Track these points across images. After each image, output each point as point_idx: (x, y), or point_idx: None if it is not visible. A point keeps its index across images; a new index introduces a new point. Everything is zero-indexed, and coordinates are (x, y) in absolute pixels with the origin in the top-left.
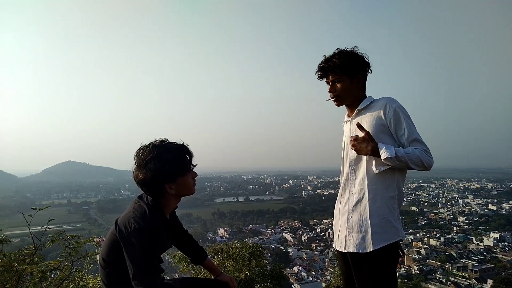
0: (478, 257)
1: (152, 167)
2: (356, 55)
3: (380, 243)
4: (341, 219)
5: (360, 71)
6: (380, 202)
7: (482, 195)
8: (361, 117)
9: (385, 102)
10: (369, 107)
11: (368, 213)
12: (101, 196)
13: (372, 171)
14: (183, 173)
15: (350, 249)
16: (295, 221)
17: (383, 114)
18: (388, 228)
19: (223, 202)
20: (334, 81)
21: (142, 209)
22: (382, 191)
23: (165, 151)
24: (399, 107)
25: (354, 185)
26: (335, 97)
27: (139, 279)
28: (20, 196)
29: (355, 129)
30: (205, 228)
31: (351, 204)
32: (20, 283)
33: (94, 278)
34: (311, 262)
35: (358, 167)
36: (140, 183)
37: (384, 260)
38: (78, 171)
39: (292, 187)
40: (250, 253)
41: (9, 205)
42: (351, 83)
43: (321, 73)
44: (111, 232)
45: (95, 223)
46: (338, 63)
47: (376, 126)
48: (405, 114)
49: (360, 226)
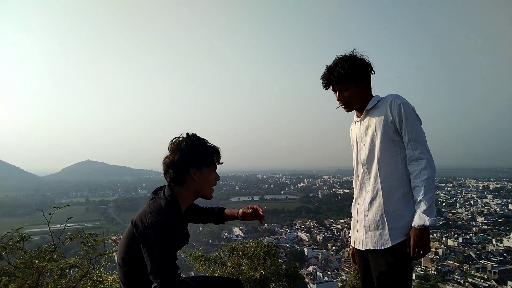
0: (498, 258)
1: (183, 148)
2: (357, 59)
3: (397, 238)
4: (358, 218)
5: (364, 76)
6: (395, 199)
7: (501, 195)
8: (370, 117)
9: (390, 99)
10: (376, 106)
11: (383, 210)
12: (119, 195)
13: (383, 169)
14: (209, 164)
15: (368, 246)
16: (310, 220)
17: (390, 111)
18: (404, 224)
19: (238, 201)
20: (341, 90)
21: (158, 204)
22: (396, 188)
23: (199, 139)
24: (404, 103)
25: (369, 184)
26: (345, 104)
27: (156, 274)
28: (40, 195)
29: (365, 129)
30: (221, 227)
31: (366, 203)
32: (40, 280)
33: (111, 276)
34: (327, 262)
35: (370, 167)
36: (168, 165)
37: (401, 255)
38: (96, 170)
39: (307, 186)
40: (265, 252)
41: (30, 204)
42: (358, 89)
43: (326, 84)
44: (128, 230)
45: (112, 222)
46: (342, 73)
47: (385, 124)
48: (408, 111)
49: (377, 223)
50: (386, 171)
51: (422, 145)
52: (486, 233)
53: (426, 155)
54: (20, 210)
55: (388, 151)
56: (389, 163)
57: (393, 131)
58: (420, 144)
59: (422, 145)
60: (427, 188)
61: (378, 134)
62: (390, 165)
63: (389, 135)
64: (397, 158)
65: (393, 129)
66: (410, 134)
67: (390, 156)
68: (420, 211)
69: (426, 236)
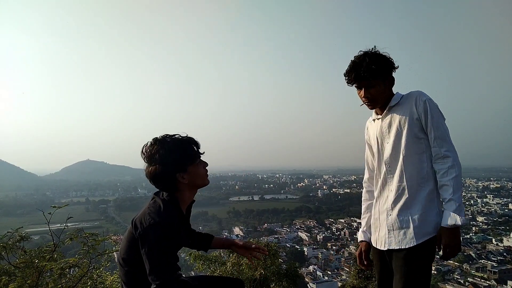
0: (498, 257)
1: (158, 158)
2: (382, 56)
3: (421, 237)
4: (380, 217)
5: (390, 72)
6: (420, 197)
7: (501, 195)
8: (394, 114)
9: (415, 95)
10: (400, 103)
11: (408, 209)
12: (119, 195)
13: (409, 168)
14: (192, 161)
15: (392, 246)
16: (311, 220)
17: (414, 108)
18: (428, 223)
19: (238, 201)
20: (368, 87)
21: (157, 205)
22: (421, 186)
23: (169, 142)
24: (429, 100)
25: (392, 182)
26: (370, 102)
27: (155, 274)
28: (40, 195)
29: (388, 126)
30: (221, 227)
31: (389, 202)
32: (40, 279)
33: (111, 276)
34: (327, 262)
35: (394, 164)
36: (152, 178)
37: (424, 256)
38: (96, 170)
39: (308, 186)
40: None
41: (30, 203)
42: (384, 86)
43: (352, 80)
44: (128, 231)
45: (112, 221)
46: (373, 68)
47: (410, 121)
48: (433, 108)
49: (401, 222)
50: (411, 169)
51: (448, 142)
52: (486, 232)
53: (452, 152)
54: (20, 210)
55: (413, 149)
56: (414, 161)
57: (419, 129)
58: (446, 141)
59: (448, 142)
60: (456, 187)
61: (403, 131)
62: (415, 163)
63: (415, 133)
64: (422, 156)
65: (418, 127)
66: (436, 131)
67: (415, 154)
68: (450, 210)
69: (457, 235)
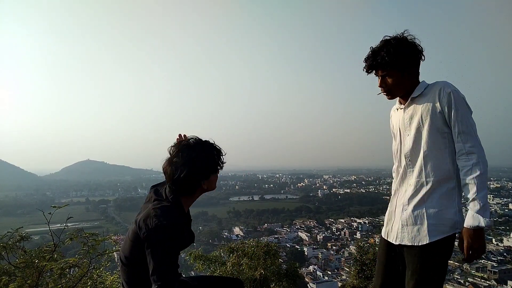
0: (498, 257)
1: (192, 161)
2: (406, 45)
3: (436, 235)
4: (396, 211)
5: (411, 64)
6: (438, 194)
7: (502, 195)
8: (417, 105)
9: (439, 86)
10: (423, 93)
11: (424, 205)
12: (119, 195)
13: (429, 163)
14: (216, 170)
15: (404, 241)
16: (311, 220)
17: (438, 100)
18: (445, 221)
19: (238, 201)
20: (384, 76)
21: (162, 206)
22: (441, 183)
23: (203, 148)
24: (454, 91)
25: (412, 177)
26: (387, 91)
27: (158, 275)
28: (40, 195)
29: (409, 118)
30: (221, 227)
31: (407, 197)
32: (40, 279)
33: (111, 276)
34: (327, 262)
35: (415, 159)
36: (176, 180)
37: (438, 254)
38: (96, 170)
39: (308, 186)
40: (265, 251)
41: (30, 203)
42: (402, 77)
43: (368, 68)
44: (132, 230)
45: (112, 221)
46: (387, 59)
47: (432, 114)
48: (459, 101)
49: (415, 218)
50: (432, 165)
51: (473, 137)
52: (486, 232)
53: (478, 148)
54: (20, 210)
55: (435, 143)
56: (435, 156)
57: (442, 122)
58: (471, 136)
59: (473, 137)
60: (480, 186)
61: (425, 124)
62: (436, 158)
63: (437, 126)
64: (444, 151)
65: (441, 120)
66: (461, 125)
67: (438, 149)
68: (474, 210)
69: (481, 237)
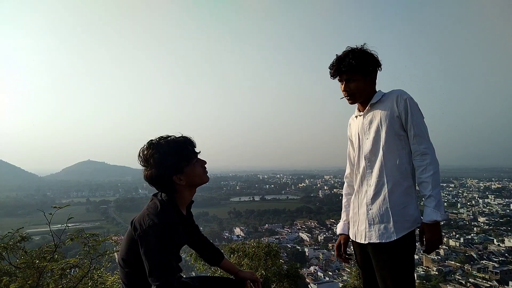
0: (499, 258)
1: (153, 163)
2: (368, 53)
3: (401, 231)
4: (360, 211)
5: (373, 70)
6: (399, 192)
7: (503, 195)
8: (375, 111)
9: (396, 94)
10: (381, 100)
11: (388, 203)
12: (119, 195)
13: (388, 163)
14: (188, 162)
15: (372, 239)
16: (312, 220)
17: (396, 106)
18: (408, 217)
19: (239, 201)
20: (348, 80)
21: (156, 206)
22: (400, 182)
23: (163, 145)
24: (409, 99)
25: (371, 177)
26: (350, 95)
27: (155, 276)
28: (40, 195)
29: (368, 122)
30: (222, 227)
31: (369, 197)
32: (41, 280)
33: (112, 276)
34: (328, 262)
35: (374, 160)
36: (149, 181)
37: (405, 249)
38: (97, 170)
39: (308, 186)
40: (266, 252)
41: (30, 204)
42: (365, 81)
43: (334, 73)
44: (128, 232)
45: (113, 222)
46: (352, 63)
47: (391, 119)
48: (413, 107)
49: (381, 217)
50: (390, 165)
51: (426, 140)
52: (487, 233)
53: (431, 150)
54: (21, 210)
55: (393, 145)
56: (393, 157)
57: (399, 126)
58: (424, 139)
59: (426, 140)
60: (435, 183)
61: (383, 128)
62: (394, 159)
63: (395, 130)
64: (401, 152)
65: (398, 124)
66: (416, 129)
67: (396, 150)
68: (431, 206)
69: (438, 230)
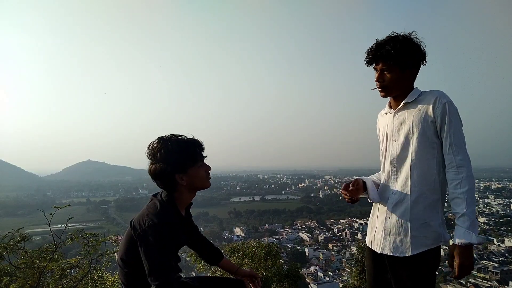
0: (500, 258)
1: (160, 157)
2: (412, 44)
3: (419, 248)
4: (378, 218)
5: (414, 63)
6: (423, 205)
7: (503, 195)
8: (408, 111)
9: (435, 96)
10: (417, 100)
11: (408, 215)
12: (119, 195)
13: (416, 172)
14: (193, 163)
15: (385, 251)
16: (312, 220)
17: (432, 109)
18: (429, 233)
19: (239, 201)
20: (383, 70)
21: (155, 206)
22: (426, 194)
23: (173, 142)
24: (449, 102)
25: (396, 184)
26: (382, 87)
27: (154, 275)
28: (40, 195)
29: (399, 123)
30: (222, 227)
31: (390, 205)
32: (41, 280)
33: (112, 276)
34: (328, 262)
35: (401, 166)
36: (152, 176)
37: (423, 266)
38: (97, 170)
39: (309, 186)
40: (266, 252)
41: (30, 204)
42: (403, 74)
43: (370, 59)
44: (127, 232)
45: (113, 222)
46: (392, 52)
47: (424, 123)
48: (453, 113)
49: (399, 229)
50: (418, 174)
51: (464, 151)
52: (488, 233)
53: (467, 162)
54: (21, 210)
55: (424, 153)
56: (423, 166)
57: (433, 132)
58: (462, 150)
59: (464, 151)
60: (470, 201)
61: (415, 133)
62: (423, 168)
63: (428, 136)
64: (432, 162)
65: (433, 130)
66: (453, 138)
67: (426, 159)
68: (464, 227)
69: (471, 254)
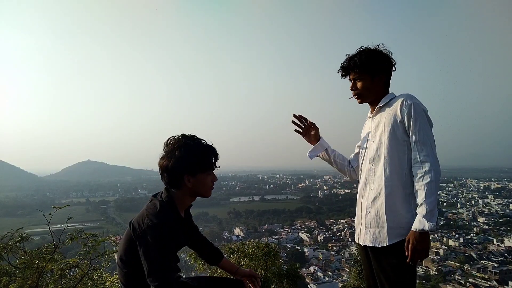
0: (499, 258)
1: (177, 154)
2: (379, 53)
3: (395, 238)
4: (361, 214)
5: (382, 70)
6: (397, 198)
7: (503, 195)
8: (382, 114)
9: (402, 98)
10: (388, 103)
11: (384, 208)
12: (119, 195)
13: (389, 169)
14: (204, 169)
15: (367, 242)
16: (311, 220)
17: (399, 110)
18: (403, 224)
19: (239, 202)
20: (355, 79)
21: (155, 207)
22: (399, 188)
23: (194, 144)
24: (415, 103)
25: (374, 181)
26: (357, 95)
27: (154, 276)
28: (40, 195)
29: (375, 126)
30: (221, 227)
31: (369, 200)
32: (40, 280)
33: (111, 276)
34: (327, 262)
35: (377, 164)
36: (163, 169)
37: (401, 255)
38: (97, 171)
39: (308, 186)
40: (265, 252)
41: (30, 204)
42: (372, 81)
43: (343, 72)
44: (127, 232)
45: (112, 222)
46: (358, 62)
47: (394, 123)
48: (418, 112)
49: (377, 221)
50: (391, 170)
51: (428, 147)
52: (487, 233)
53: (431, 157)
54: (20, 210)
55: (395, 151)
56: (394, 163)
57: (402, 131)
58: (426, 146)
59: (428, 147)
60: (429, 192)
61: (386, 132)
62: (395, 164)
63: (398, 135)
64: (403, 158)
65: (402, 129)
66: (418, 135)
67: (397, 156)
68: (421, 215)
69: (425, 240)
